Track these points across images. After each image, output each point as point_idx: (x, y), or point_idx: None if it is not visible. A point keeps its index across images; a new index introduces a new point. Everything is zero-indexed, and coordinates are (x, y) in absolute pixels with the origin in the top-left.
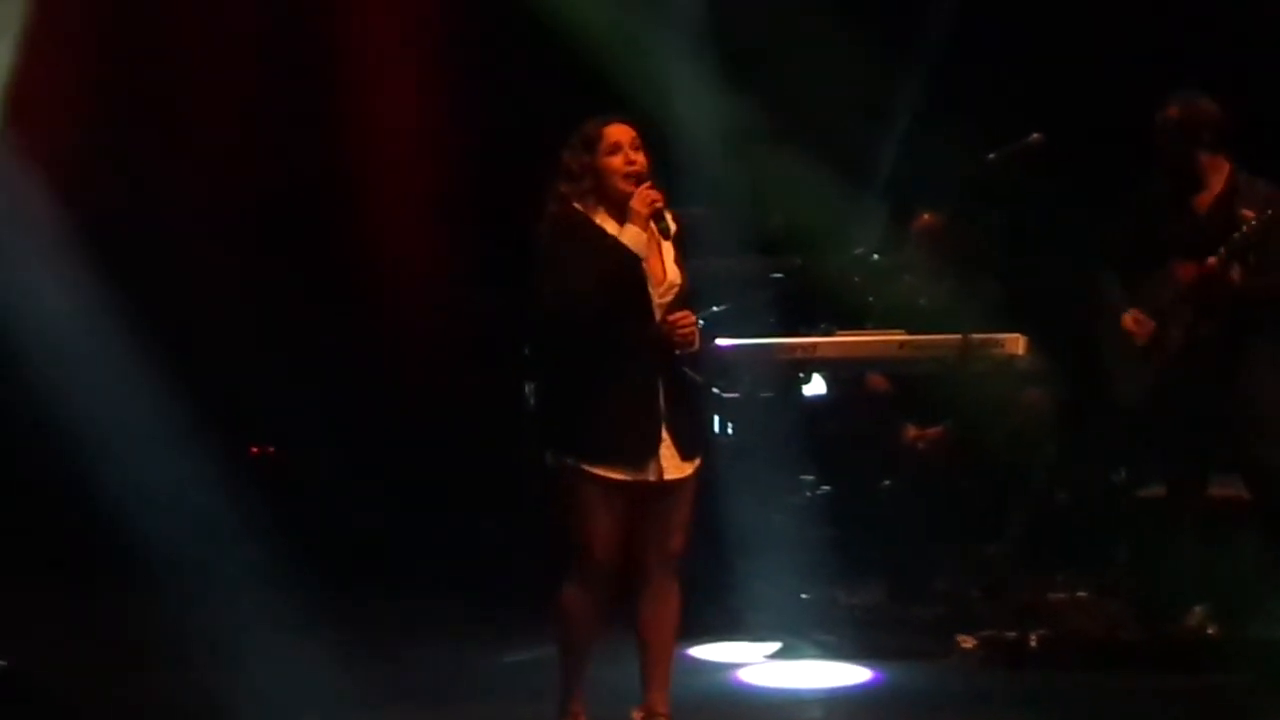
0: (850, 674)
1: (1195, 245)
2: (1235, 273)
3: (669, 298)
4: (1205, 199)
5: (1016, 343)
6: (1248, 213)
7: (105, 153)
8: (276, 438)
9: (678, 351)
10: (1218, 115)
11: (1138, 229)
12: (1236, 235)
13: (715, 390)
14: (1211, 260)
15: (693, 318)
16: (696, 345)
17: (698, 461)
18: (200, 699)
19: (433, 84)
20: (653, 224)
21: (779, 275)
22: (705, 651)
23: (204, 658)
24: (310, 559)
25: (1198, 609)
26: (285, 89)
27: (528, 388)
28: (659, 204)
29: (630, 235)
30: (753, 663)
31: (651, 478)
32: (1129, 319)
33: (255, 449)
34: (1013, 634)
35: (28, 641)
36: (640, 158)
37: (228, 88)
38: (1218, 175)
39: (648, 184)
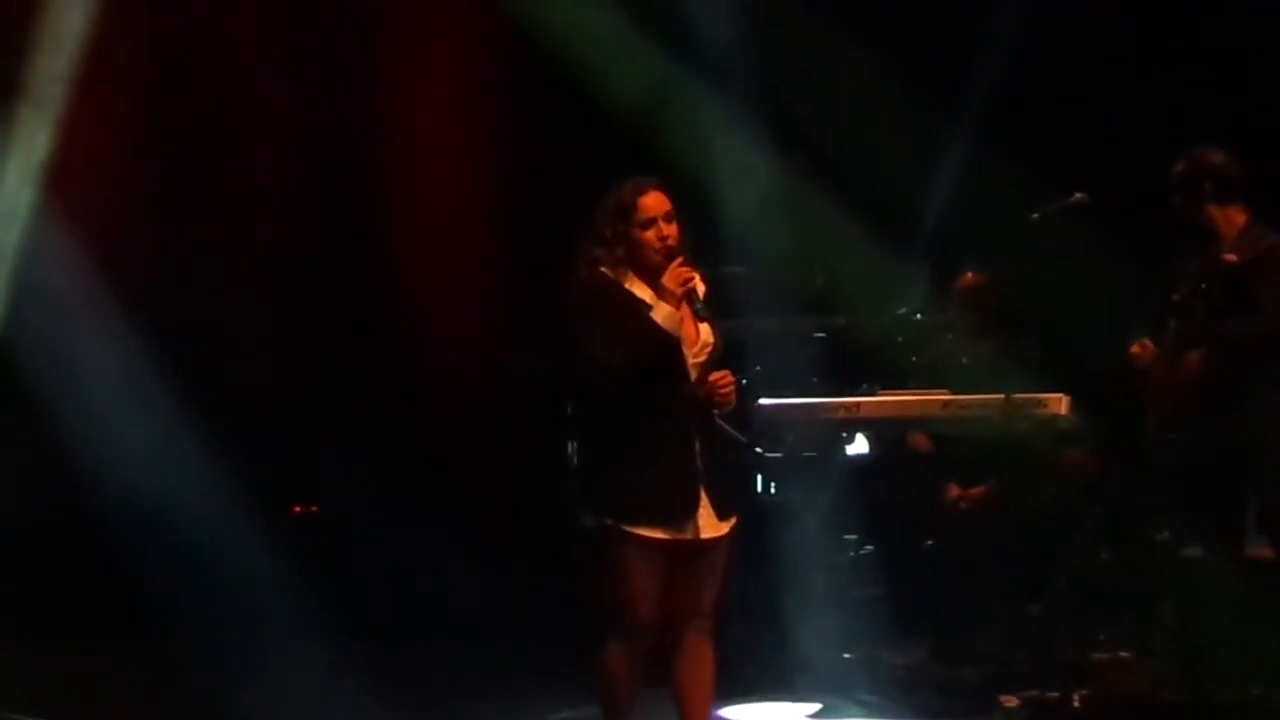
0: None
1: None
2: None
3: (703, 358)
4: (1213, 253)
5: (1059, 402)
6: (1230, 256)
7: (144, 211)
8: (319, 497)
9: (716, 411)
10: (1221, 166)
11: (1165, 287)
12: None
13: (758, 450)
14: (1185, 290)
15: (731, 377)
16: (733, 404)
17: (734, 520)
18: None
19: (473, 141)
20: (685, 303)
21: (822, 334)
22: (748, 711)
23: (243, 714)
24: (353, 619)
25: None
26: (325, 146)
27: (570, 446)
28: (692, 284)
29: (664, 314)
30: None
31: (689, 536)
32: (1135, 347)
33: (298, 508)
34: (1056, 694)
35: (71, 702)
36: (673, 230)
37: (266, 144)
38: (1231, 227)
39: (680, 260)
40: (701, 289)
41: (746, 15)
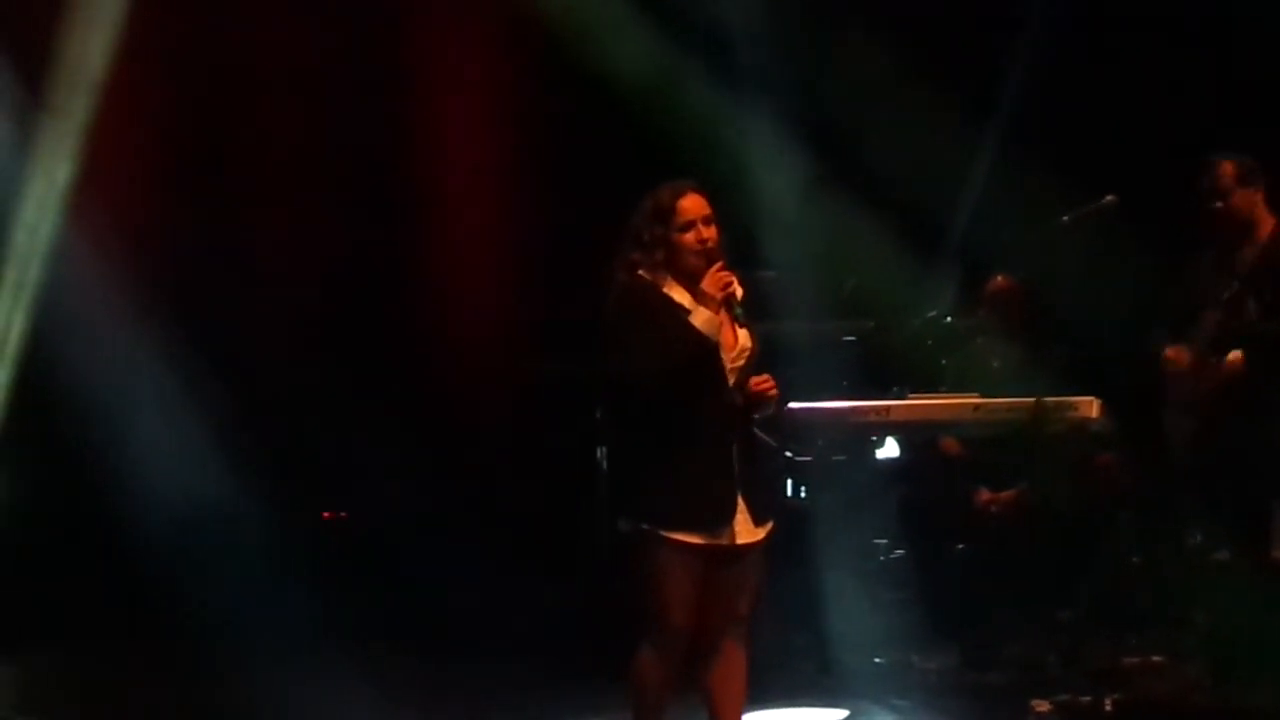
0: None
1: (1240, 297)
2: (1252, 310)
3: (741, 362)
4: (1245, 257)
5: (1090, 405)
6: None
7: (170, 218)
8: (348, 503)
9: (757, 415)
10: (1258, 166)
11: (1187, 290)
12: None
13: (789, 454)
14: (1227, 296)
15: (772, 380)
16: (774, 408)
17: (770, 526)
18: None
19: (502, 144)
20: (724, 308)
21: (852, 338)
22: (777, 715)
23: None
24: (381, 626)
25: None
26: (356, 160)
27: (599, 452)
28: (732, 289)
29: (703, 319)
30: None
31: (726, 542)
32: (1170, 351)
33: (327, 514)
34: (1088, 699)
35: (95, 710)
36: (712, 232)
37: (297, 158)
38: (1268, 224)
39: (719, 264)
40: (740, 293)
41: (778, 16)
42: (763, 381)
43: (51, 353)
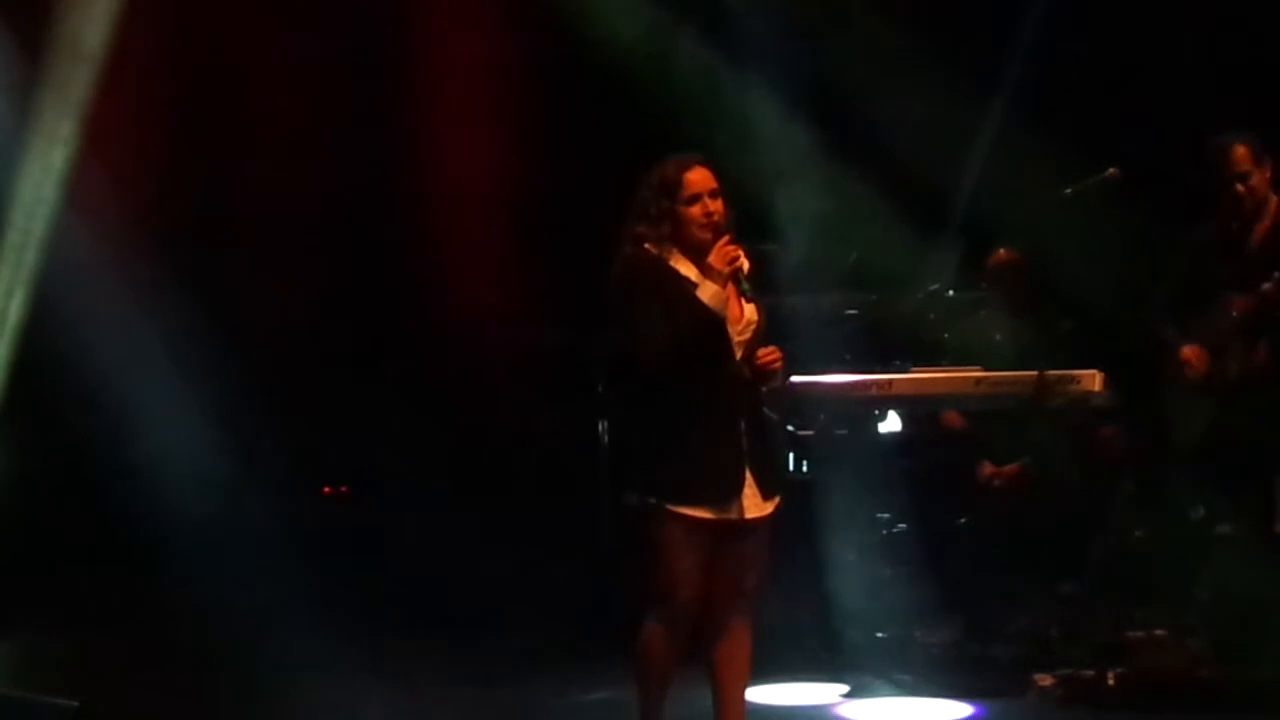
0: (927, 712)
1: (1247, 280)
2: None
3: (747, 335)
4: (1257, 235)
5: (1093, 379)
6: None
7: (178, 201)
8: (349, 477)
9: (764, 387)
10: (1257, 150)
11: (1197, 268)
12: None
13: (790, 428)
14: (1267, 286)
15: (779, 353)
16: (780, 381)
17: (777, 500)
18: None
19: (503, 120)
20: (731, 283)
21: (854, 312)
22: (780, 690)
23: (276, 697)
24: (384, 599)
25: None
26: (359, 129)
27: (601, 425)
28: (739, 263)
29: (710, 294)
30: (828, 701)
31: (734, 516)
32: (1187, 351)
33: (328, 489)
34: (1091, 672)
35: (102, 684)
36: (719, 206)
37: (300, 125)
38: (1270, 207)
39: (726, 238)
40: (747, 266)
41: None
42: (769, 354)
43: (53, 325)
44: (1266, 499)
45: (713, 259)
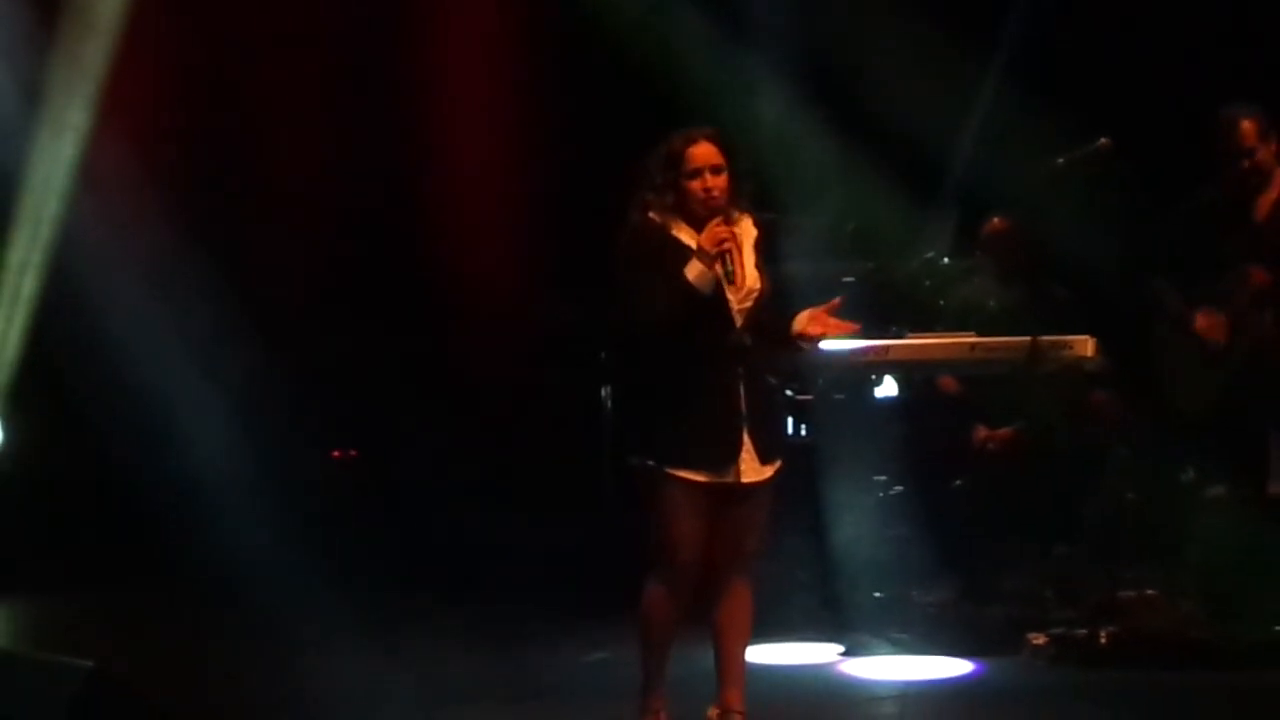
0: (923, 671)
1: (1259, 251)
2: None
3: (748, 303)
4: (1263, 206)
5: (1085, 344)
6: None
7: (194, 171)
8: (358, 442)
9: (801, 349)
10: (1262, 124)
11: (1192, 235)
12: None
13: (789, 393)
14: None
15: (828, 324)
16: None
17: (776, 465)
18: (286, 700)
19: (510, 91)
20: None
21: (851, 279)
22: (780, 649)
23: (288, 660)
24: (390, 562)
25: None
26: (368, 102)
27: (604, 390)
28: (726, 246)
29: (696, 273)
30: (827, 660)
31: (731, 480)
32: (1204, 321)
33: (337, 453)
34: (1083, 632)
35: (116, 644)
36: (719, 183)
37: (311, 101)
38: (1274, 181)
39: (718, 220)
40: (754, 235)
41: None
42: (815, 321)
43: (67, 292)
44: (1261, 460)
45: (703, 240)
